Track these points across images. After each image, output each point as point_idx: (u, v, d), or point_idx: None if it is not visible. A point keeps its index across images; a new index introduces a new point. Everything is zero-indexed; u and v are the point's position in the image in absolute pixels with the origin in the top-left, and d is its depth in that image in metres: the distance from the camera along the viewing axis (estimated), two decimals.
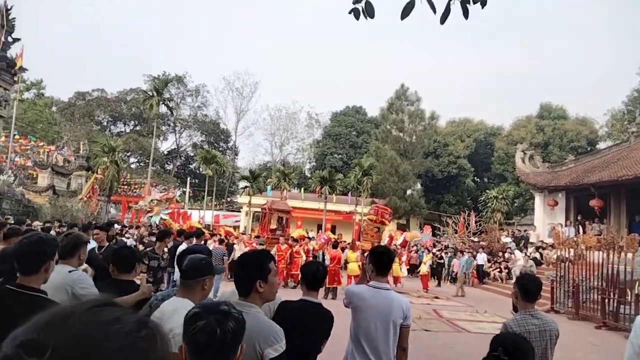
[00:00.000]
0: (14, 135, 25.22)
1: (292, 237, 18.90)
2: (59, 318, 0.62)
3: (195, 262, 2.71)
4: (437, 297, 16.47)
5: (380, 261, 3.47)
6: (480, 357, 2.42)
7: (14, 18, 17.91)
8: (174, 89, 52.39)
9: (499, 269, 21.39)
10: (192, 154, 56.92)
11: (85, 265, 4.71)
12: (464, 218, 32.66)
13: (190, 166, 58.11)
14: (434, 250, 23.88)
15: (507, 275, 20.59)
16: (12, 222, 13.57)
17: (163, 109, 40.38)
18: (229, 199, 53.26)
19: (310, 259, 15.05)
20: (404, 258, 19.38)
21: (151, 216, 17.74)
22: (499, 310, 13.13)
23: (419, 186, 44.79)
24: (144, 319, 0.69)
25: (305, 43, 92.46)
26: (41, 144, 30.02)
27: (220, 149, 55.28)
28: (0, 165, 22.17)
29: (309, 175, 53.75)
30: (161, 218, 17.63)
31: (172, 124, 56.43)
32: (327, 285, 13.37)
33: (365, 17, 3.75)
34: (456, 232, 32.00)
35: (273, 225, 19.11)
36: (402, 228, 41.76)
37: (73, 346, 0.59)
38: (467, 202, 45.70)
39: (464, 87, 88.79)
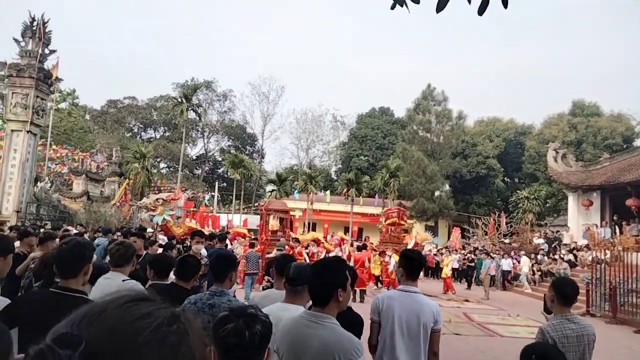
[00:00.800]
0: (50, 143, 26.22)
1: (294, 238, 18.69)
2: (94, 313, 0.65)
3: (301, 269, 2.84)
4: (467, 300, 16.20)
5: (411, 265, 3.46)
6: None
7: (50, 31, 18.63)
8: (202, 95, 53.33)
9: (531, 272, 20.88)
10: (220, 159, 57.75)
11: None
12: (494, 219, 32.04)
13: (219, 170, 58.95)
14: (463, 252, 23.51)
15: (540, 277, 20.08)
16: (50, 227, 14.12)
17: (192, 114, 41.21)
18: (256, 203, 53.79)
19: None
20: None
21: (154, 215, 17.77)
22: (530, 314, 12.81)
23: (447, 187, 44.18)
24: (177, 312, 0.70)
25: (330, 46, 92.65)
26: (75, 151, 31.05)
27: (247, 153, 55.91)
28: (38, 173, 23.01)
29: (335, 177, 53.77)
30: (164, 219, 17.66)
31: (200, 130, 57.41)
32: (355, 288, 13.34)
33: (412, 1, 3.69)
34: (486, 234, 31.42)
35: (276, 226, 18.93)
36: (431, 231, 41.33)
37: (105, 340, 0.61)
38: (497, 203, 44.83)
39: (491, 86, 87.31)
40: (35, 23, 18.19)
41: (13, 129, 17.78)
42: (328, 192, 42.77)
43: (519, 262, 21.21)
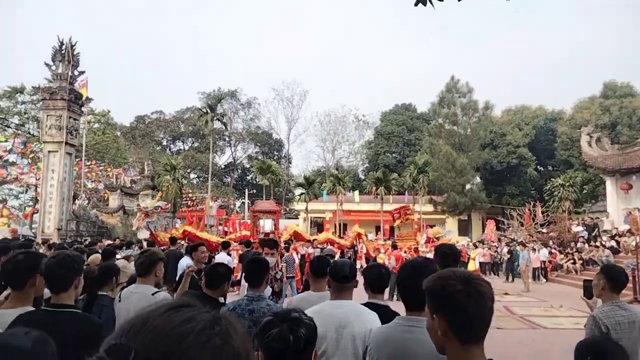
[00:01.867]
0: (85, 162, 27.11)
1: (286, 241, 17.48)
2: (139, 323, 0.69)
3: (350, 266, 2.92)
4: (506, 293, 15.84)
5: (446, 259, 3.41)
6: (560, 354, 2.32)
7: (79, 53, 19.32)
8: (227, 104, 54.08)
9: (572, 260, 20.23)
10: (248, 166, 58.43)
11: None
12: (529, 209, 31.18)
13: (247, 177, 59.66)
14: (495, 244, 22.99)
15: (582, 266, 19.43)
16: (89, 242, 14.57)
17: (218, 124, 41.85)
18: (286, 207, 54.15)
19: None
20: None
21: (150, 221, 17.74)
22: (573, 304, 12.41)
23: (478, 180, 43.34)
24: (217, 315, 0.73)
25: (348, 47, 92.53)
26: (108, 168, 31.99)
27: (274, 158, 56.36)
28: (75, 191, 23.81)
29: (363, 177, 53.58)
30: (155, 227, 17.53)
31: (227, 138, 58.23)
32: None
33: None
34: (522, 225, 30.64)
35: (267, 228, 18.83)
36: (464, 225, 40.65)
37: (152, 347, 0.64)
38: (531, 192, 43.66)
39: (517, 74, 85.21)
40: (63, 47, 18.87)
41: (50, 150, 18.47)
42: (357, 192, 42.64)
43: (559, 252, 20.59)
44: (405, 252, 16.09)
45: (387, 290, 3.56)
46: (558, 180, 38.15)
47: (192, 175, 55.17)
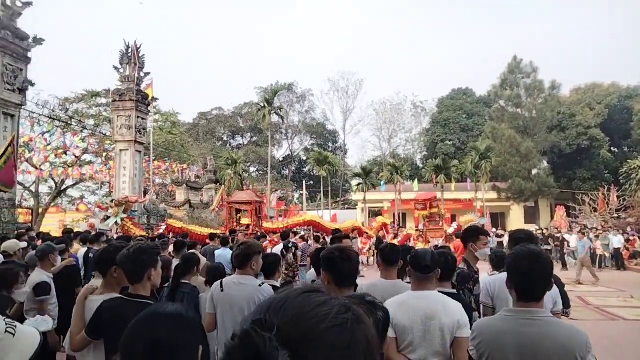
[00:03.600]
0: (153, 159, 28.59)
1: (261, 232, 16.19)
2: (277, 303, 0.73)
3: (434, 256, 2.94)
4: (580, 283, 15.01)
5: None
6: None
7: (144, 55, 20.30)
8: (283, 98, 54.85)
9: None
10: (304, 158, 59.08)
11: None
12: (603, 194, 29.31)
13: (304, 169, 60.35)
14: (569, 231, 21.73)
15: None
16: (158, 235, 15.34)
17: (275, 118, 42.56)
18: (343, 198, 54.26)
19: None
20: None
21: (108, 217, 16.17)
22: None
23: (545, 164, 41.18)
24: (347, 302, 0.76)
25: (402, 32, 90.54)
26: (174, 164, 33.52)
27: (330, 149, 56.56)
28: (145, 186, 25.16)
29: (421, 165, 52.55)
30: (121, 219, 16.19)
31: (284, 132, 59.13)
32: None
33: None
34: (595, 211, 28.83)
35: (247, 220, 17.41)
36: (531, 212, 38.83)
37: (293, 326, 0.69)
38: (604, 176, 40.84)
39: (586, 50, 79.69)
40: (129, 50, 19.89)
41: (121, 149, 19.61)
42: (415, 180, 41.89)
43: (639, 237, 19.18)
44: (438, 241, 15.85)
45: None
46: (636, 162, 35.39)
47: (251, 169, 56.60)
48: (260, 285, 3.45)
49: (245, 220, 17.70)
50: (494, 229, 28.07)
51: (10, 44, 12.67)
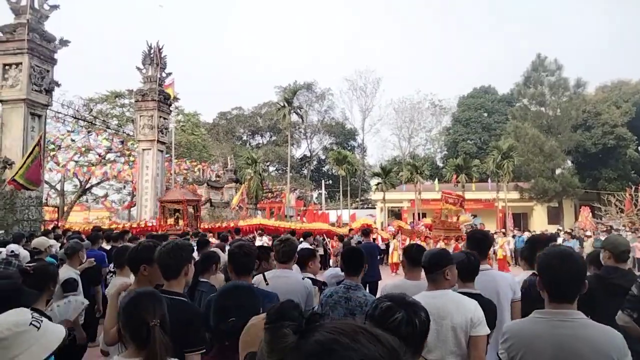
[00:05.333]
0: (175, 159, 28.96)
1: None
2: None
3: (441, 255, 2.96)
4: None
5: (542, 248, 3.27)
6: None
7: (165, 55, 20.58)
8: (302, 97, 54.96)
9: None
10: (323, 157, 59.10)
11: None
12: (630, 194, 28.53)
13: (323, 169, 60.36)
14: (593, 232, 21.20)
15: None
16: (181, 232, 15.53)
17: (294, 117, 42.68)
18: (362, 197, 54.09)
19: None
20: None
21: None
22: None
23: (569, 164, 40.33)
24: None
25: (421, 30, 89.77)
26: (194, 164, 33.90)
27: (349, 148, 56.43)
28: (167, 185, 25.52)
29: (441, 165, 52.02)
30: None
31: (303, 131, 59.25)
32: None
33: None
34: (622, 211, 28.09)
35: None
36: (554, 212, 38.06)
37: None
38: (631, 175, 39.77)
39: (612, 47, 77.73)
40: (152, 51, 20.19)
41: (144, 148, 19.93)
42: (436, 180, 41.48)
43: None
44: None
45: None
46: None
47: (270, 168, 56.88)
48: (302, 279, 3.73)
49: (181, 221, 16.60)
50: (516, 229, 27.64)
51: (38, 46, 12.98)
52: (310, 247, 9.73)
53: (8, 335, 1.57)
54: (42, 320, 1.69)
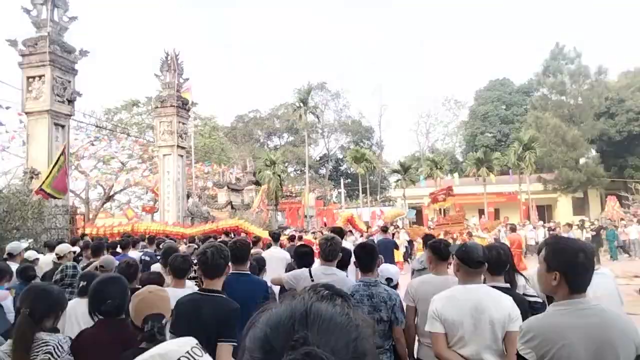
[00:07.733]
0: (195, 163, 29.34)
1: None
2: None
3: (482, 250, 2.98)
4: (636, 276, 14.26)
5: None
6: None
7: (182, 62, 20.85)
8: (317, 97, 55.05)
9: None
10: (341, 156, 59.06)
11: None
12: None
13: (341, 167, 60.32)
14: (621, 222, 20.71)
15: None
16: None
17: (311, 117, 42.74)
18: (382, 195, 53.86)
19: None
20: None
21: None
22: None
23: (593, 153, 39.41)
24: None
25: (434, 25, 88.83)
26: (214, 167, 34.26)
27: (366, 146, 56.26)
28: (188, 189, 25.87)
29: (461, 159, 51.47)
30: None
31: (320, 131, 59.32)
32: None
33: None
34: None
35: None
36: (580, 203, 37.27)
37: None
38: None
39: (635, 32, 75.59)
40: (169, 57, 20.46)
41: (164, 154, 20.21)
42: (456, 174, 41.02)
43: None
44: (456, 236, 15.50)
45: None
46: None
47: (289, 169, 57.10)
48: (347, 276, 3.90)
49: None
50: (540, 222, 27.13)
51: (59, 57, 13.28)
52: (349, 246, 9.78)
53: None
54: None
